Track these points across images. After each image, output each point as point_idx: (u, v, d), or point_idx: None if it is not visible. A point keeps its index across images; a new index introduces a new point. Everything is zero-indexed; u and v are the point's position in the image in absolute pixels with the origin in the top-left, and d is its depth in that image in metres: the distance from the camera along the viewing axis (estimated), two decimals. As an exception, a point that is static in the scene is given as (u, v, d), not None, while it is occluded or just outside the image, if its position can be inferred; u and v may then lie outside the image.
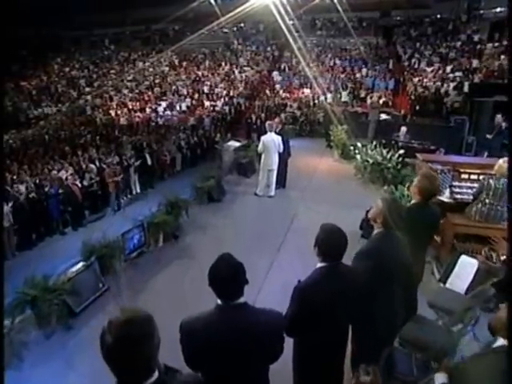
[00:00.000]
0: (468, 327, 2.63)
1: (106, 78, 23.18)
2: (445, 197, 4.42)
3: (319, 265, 2.09)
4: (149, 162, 11.06)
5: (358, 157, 7.93)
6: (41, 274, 3.78)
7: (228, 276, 1.64)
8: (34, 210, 7.81)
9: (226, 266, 1.67)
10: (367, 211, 5.52)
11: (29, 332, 3.42)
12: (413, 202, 2.90)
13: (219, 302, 1.69)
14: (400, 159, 7.59)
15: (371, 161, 7.65)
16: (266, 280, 4.36)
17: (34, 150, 12.71)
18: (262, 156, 6.82)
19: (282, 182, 7.59)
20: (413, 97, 15.98)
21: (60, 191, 8.25)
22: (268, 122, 6.83)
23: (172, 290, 4.22)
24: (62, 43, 28.33)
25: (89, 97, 22.06)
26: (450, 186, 4.56)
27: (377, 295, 2.19)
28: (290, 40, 19.28)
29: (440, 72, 16.78)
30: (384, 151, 7.87)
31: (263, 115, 17.31)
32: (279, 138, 6.70)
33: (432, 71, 17.08)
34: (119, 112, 19.67)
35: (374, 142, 8.17)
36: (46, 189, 8.12)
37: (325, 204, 6.68)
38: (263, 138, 6.67)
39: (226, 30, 23.97)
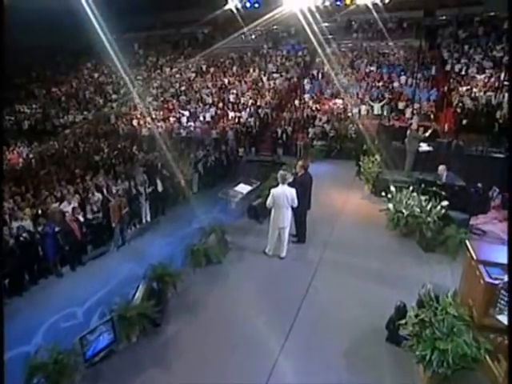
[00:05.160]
0: None
1: (133, 85, 22.77)
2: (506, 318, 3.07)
3: None
4: (160, 188, 10.26)
5: (391, 206, 6.56)
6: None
7: None
8: (26, 251, 7.19)
9: None
10: (397, 307, 4.29)
11: None
12: None
13: None
14: (443, 211, 6.19)
15: (406, 212, 6.29)
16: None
17: (47, 169, 12.30)
18: (272, 211, 5.69)
19: (301, 236, 6.47)
20: (459, 109, 14.19)
21: (57, 229, 7.60)
22: (280, 172, 5.64)
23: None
24: (94, 47, 28.38)
25: (114, 104, 21.79)
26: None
27: None
28: (322, 45, 17.92)
29: (492, 80, 14.81)
30: (423, 199, 6.47)
31: (290, 129, 16.11)
32: (292, 191, 5.54)
33: (483, 79, 15.09)
34: (142, 122, 19.14)
35: (411, 188, 6.75)
36: (40, 228, 7.45)
37: (347, 273, 5.49)
38: (273, 191, 5.53)
39: (258, 32, 22.88)
